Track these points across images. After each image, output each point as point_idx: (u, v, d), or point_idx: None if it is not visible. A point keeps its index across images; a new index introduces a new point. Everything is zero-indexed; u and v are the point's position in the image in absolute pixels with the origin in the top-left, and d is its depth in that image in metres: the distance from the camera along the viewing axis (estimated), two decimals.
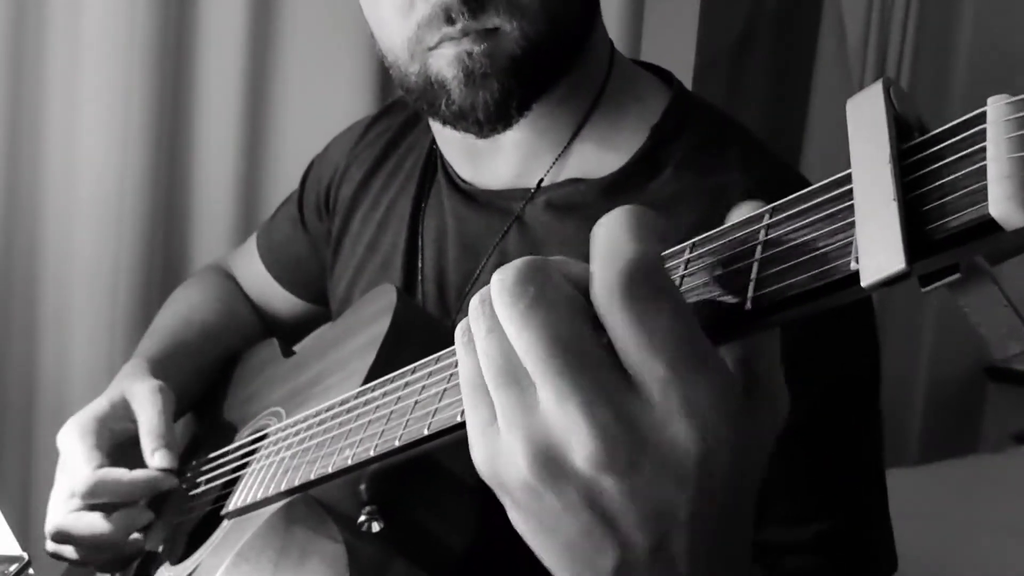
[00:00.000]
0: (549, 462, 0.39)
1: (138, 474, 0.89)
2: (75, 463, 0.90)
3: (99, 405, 0.95)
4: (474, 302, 0.42)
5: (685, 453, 0.38)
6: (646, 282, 0.38)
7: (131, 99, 1.63)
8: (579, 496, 0.39)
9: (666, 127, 0.85)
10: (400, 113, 1.07)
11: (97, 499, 0.88)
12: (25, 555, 1.02)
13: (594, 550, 0.41)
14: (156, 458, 0.90)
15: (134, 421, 0.94)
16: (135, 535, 0.89)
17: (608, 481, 0.38)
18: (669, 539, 0.40)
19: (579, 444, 0.38)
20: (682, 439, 0.38)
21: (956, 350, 2.87)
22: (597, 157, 0.86)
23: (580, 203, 0.84)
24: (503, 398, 0.40)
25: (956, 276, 0.34)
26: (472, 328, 0.42)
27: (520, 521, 0.43)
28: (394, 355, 0.75)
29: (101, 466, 0.89)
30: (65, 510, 0.89)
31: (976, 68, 2.85)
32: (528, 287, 0.39)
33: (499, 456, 0.41)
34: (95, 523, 0.87)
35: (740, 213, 0.41)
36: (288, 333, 1.20)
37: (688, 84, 2.25)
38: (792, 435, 0.73)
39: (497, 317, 0.40)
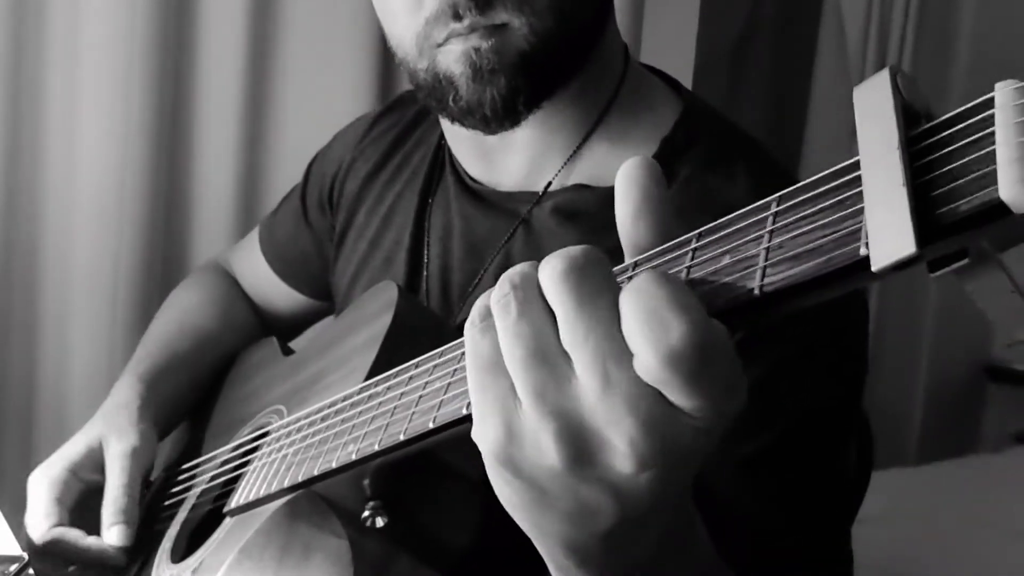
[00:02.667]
0: (581, 445, 0.40)
1: (91, 543, 0.90)
2: (35, 514, 0.91)
3: (75, 450, 0.96)
4: (505, 284, 0.42)
5: (708, 428, 0.40)
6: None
7: (131, 99, 1.62)
8: (608, 480, 0.40)
9: (676, 140, 0.84)
10: (408, 108, 1.06)
11: (49, 555, 0.89)
12: (25, 555, 1.01)
13: (596, 515, 0.42)
14: (112, 533, 0.90)
15: (104, 474, 0.95)
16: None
17: (647, 475, 0.40)
18: (666, 492, 0.42)
19: (621, 438, 0.39)
20: (708, 417, 0.39)
21: (956, 350, 2.87)
22: (606, 164, 0.85)
23: (584, 211, 0.84)
24: (534, 376, 0.41)
25: (965, 261, 0.34)
26: (499, 310, 0.42)
27: (513, 495, 0.44)
28: (396, 352, 0.75)
29: (59, 523, 0.90)
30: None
31: (976, 68, 2.85)
32: (597, 269, 0.40)
33: (518, 434, 0.42)
34: None
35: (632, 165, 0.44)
36: (289, 329, 1.20)
37: (688, 84, 2.25)
38: (762, 457, 0.72)
39: (535, 300, 0.41)
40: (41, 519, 0.90)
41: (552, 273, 0.40)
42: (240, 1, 1.70)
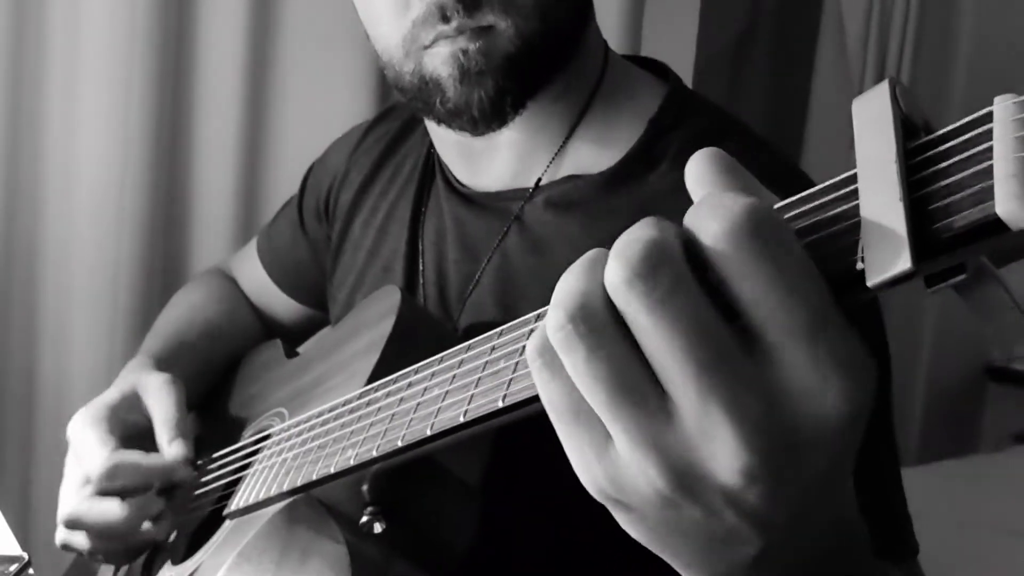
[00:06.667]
0: (690, 476, 0.37)
1: (155, 459, 0.88)
2: (89, 448, 0.88)
3: (110, 396, 0.94)
4: (561, 315, 0.37)
5: (839, 415, 0.36)
6: (775, 224, 0.35)
7: (131, 99, 1.63)
8: (724, 501, 0.37)
9: (663, 120, 0.85)
10: (397, 117, 1.06)
11: (114, 483, 0.86)
12: (25, 555, 1.01)
13: (736, 543, 0.39)
14: (173, 447, 0.89)
15: (146, 414, 0.93)
16: (147, 525, 0.88)
17: (758, 488, 0.36)
18: (811, 507, 0.39)
19: (727, 455, 0.36)
20: (836, 400, 0.35)
21: (956, 350, 2.87)
22: (594, 153, 0.86)
23: (579, 200, 0.84)
24: (626, 417, 0.37)
25: (962, 277, 0.34)
26: (564, 348, 0.37)
27: (644, 531, 0.40)
28: (397, 356, 0.75)
29: (117, 449, 0.88)
30: (79, 497, 0.88)
31: (976, 68, 2.85)
32: (663, 269, 0.35)
33: (622, 476, 0.38)
34: (109, 509, 0.86)
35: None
36: (288, 337, 1.20)
37: (688, 83, 2.25)
38: None
39: (603, 327, 0.36)
40: (97, 449, 0.87)
41: (620, 284, 0.35)
42: (240, 1, 1.70)
